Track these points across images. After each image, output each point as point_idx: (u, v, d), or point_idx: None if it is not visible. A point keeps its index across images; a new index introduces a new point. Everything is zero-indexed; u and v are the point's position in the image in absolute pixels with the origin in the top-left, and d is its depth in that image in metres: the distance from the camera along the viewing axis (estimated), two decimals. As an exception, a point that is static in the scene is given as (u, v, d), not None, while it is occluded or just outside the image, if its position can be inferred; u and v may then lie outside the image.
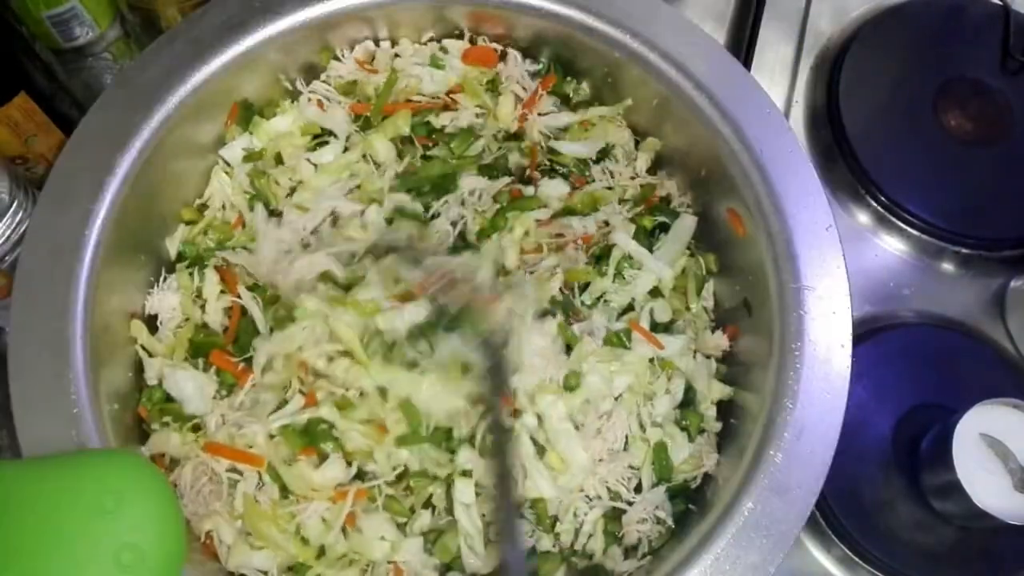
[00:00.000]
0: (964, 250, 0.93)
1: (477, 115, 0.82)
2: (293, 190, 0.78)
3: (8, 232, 0.70)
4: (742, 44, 1.03)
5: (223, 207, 0.78)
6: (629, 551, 0.70)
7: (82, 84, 0.94)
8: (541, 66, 0.84)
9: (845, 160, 0.95)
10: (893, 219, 0.94)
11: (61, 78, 0.89)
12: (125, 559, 0.50)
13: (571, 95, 0.85)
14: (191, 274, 0.74)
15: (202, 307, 0.74)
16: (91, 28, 0.93)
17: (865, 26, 1.02)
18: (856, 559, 0.79)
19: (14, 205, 0.71)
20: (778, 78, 1.02)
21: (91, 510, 0.51)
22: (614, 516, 0.70)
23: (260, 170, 0.78)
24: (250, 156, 0.78)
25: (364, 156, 0.79)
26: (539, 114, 0.83)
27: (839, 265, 0.68)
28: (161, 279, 0.74)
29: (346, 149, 0.80)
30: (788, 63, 1.03)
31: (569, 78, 0.84)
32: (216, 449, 0.67)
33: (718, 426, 0.74)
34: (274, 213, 0.77)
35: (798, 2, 1.06)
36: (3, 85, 0.76)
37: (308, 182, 0.78)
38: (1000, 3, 1.04)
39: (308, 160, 0.79)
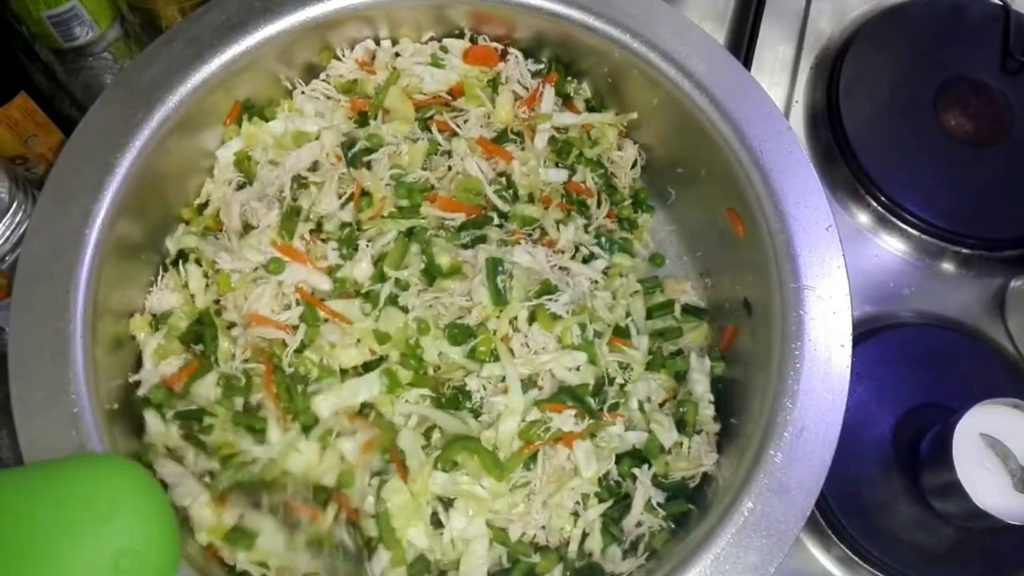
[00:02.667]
0: (964, 250, 0.93)
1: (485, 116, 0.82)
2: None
3: (8, 232, 0.70)
4: (742, 44, 1.04)
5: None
6: (628, 551, 0.70)
7: (82, 84, 0.94)
8: (542, 66, 0.84)
9: (845, 160, 0.95)
10: (893, 219, 0.94)
11: (61, 78, 0.89)
12: (123, 564, 0.51)
13: (572, 95, 0.85)
14: (178, 269, 0.74)
15: (192, 299, 0.74)
16: (91, 28, 0.93)
17: (865, 26, 1.02)
18: (856, 559, 0.79)
19: (14, 205, 0.71)
20: (778, 78, 1.02)
21: (87, 516, 0.51)
22: (614, 517, 0.70)
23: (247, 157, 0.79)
24: (240, 160, 0.78)
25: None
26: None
27: (839, 265, 0.68)
28: (160, 278, 0.74)
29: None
30: (788, 63, 1.03)
31: (570, 78, 0.85)
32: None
33: (717, 427, 0.74)
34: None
35: (798, 2, 1.06)
36: (3, 85, 0.76)
37: (282, 139, 0.78)
38: (1000, 3, 1.04)
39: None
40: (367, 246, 0.73)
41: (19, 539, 0.50)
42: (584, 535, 0.70)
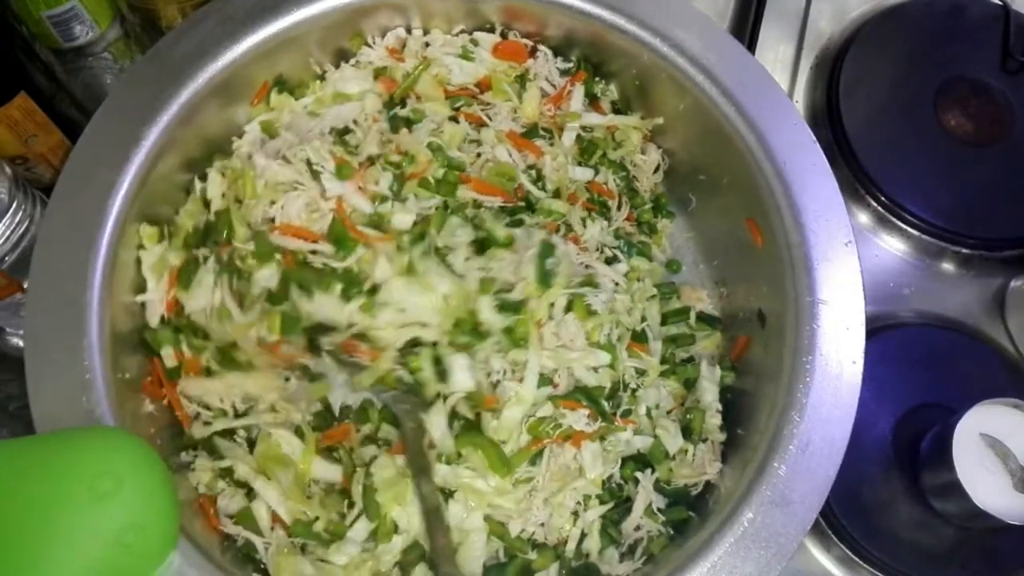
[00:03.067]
0: (964, 250, 0.93)
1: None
2: None
3: (8, 232, 0.70)
4: (742, 44, 1.03)
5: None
6: (625, 554, 0.70)
7: (82, 84, 0.94)
8: (572, 64, 0.84)
9: (845, 160, 0.95)
10: (893, 219, 0.94)
11: (61, 78, 0.89)
12: (128, 539, 0.51)
13: (599, 95, 0.85)
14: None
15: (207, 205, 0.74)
16: (91, 28, 0.93)
17: (865, 26, 1.02)
18: (856, 559, 0.79)
19: (14, 205, 0.71)
20: (778, 78, 1.01)
21: (89, 494, 0.51)
22: (614, 519, 0.71)
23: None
24: (267, 126, 0.78)
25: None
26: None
27: (856, 281, 0.68)
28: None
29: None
30: (788, 63, 1.03)
31: (597, 79, 0.85)
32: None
33: (723, 436, 0.73)
34: None
35: (798, 2, 1.06)
36: (3, 85, 0.76)
37: (322, 98, 0.79)
38: (1000, 3, 1.04)
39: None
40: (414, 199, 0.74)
41: (24, 514, 0.50)
42: (583, 535, 0.70)
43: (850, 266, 0.68)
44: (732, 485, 0.66)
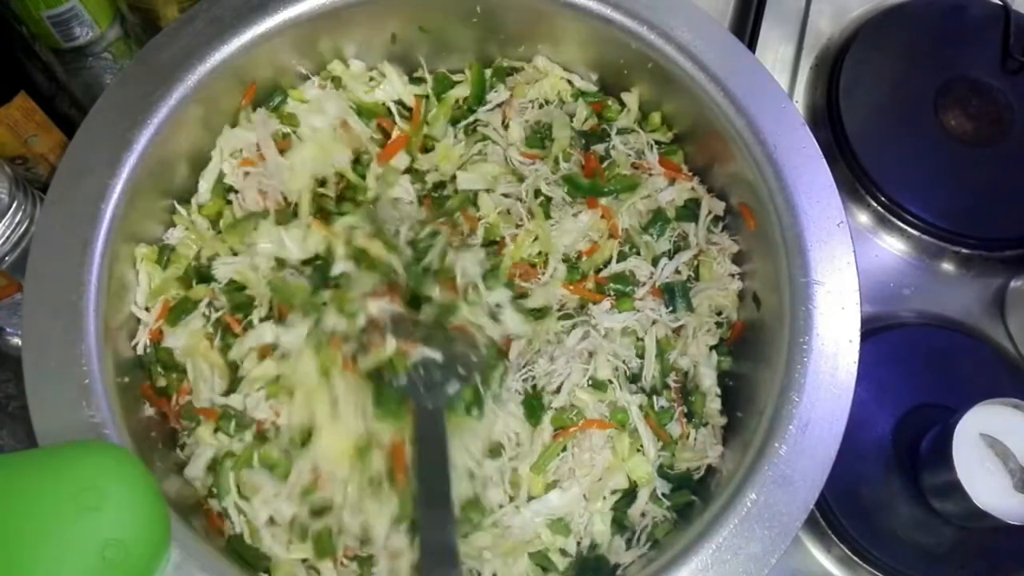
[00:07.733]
0: (964, 250, 0.93)
1: None
2: None
3: (8, 232, 0.70)
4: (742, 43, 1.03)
5: None
6: (631, 541, 0.70)
7: (82, 84, 0.94)
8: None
9: (845, 160, 0.95)
10: (893, 219, 0.94)
11: (61, 78, 0.89)
12: (109, 554, 0.50)
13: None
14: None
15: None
16: (91, 28, 0.93)
17: (865, 26, 1.02)
18: (856, 559, 0.79)
19: (14, 205, 0.70)
20: (778, 78, 1.01)
21: (73, 508, 0.50)
22: (621, 506, 0.71)
23: None
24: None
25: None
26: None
27: (849, 261, 0.68)
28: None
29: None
30: (788, 63, 1.03)
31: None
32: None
33: (723, 420, 0.74)
34: None
35: (798, 2, 1.06)
36: (3, 85, 0.75)
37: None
38: (1000, 3, 1.04)
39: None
40: None
41: (7, 531, 0.49)
42: (593, 525, 0.70)
43: (843, 246, 0.68)
44: (734, 467, 0.66)
